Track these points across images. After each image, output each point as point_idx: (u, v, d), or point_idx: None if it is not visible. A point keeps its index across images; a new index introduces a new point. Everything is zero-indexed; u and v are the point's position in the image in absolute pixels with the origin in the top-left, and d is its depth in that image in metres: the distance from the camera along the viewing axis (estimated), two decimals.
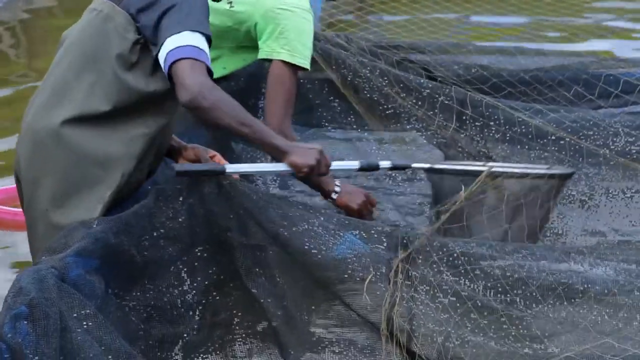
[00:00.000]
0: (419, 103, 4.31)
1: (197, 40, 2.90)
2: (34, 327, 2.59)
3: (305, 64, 3.80)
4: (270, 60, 3.85)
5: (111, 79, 2.95)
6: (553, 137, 4.29)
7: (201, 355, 3.09)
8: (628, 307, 2.86)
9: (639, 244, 4.04)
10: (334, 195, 3.69)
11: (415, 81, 4.32)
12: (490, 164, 3.50)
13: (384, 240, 2.99)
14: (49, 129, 2.98)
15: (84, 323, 2.67)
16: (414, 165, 3.48)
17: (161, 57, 2.90)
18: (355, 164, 3.31)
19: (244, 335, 3.12)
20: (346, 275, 2.89)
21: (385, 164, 3.37)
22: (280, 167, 3.03)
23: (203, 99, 2.87)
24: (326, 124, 4.46)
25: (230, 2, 3.87)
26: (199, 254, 3.05)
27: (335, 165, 3.14)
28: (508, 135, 4.32)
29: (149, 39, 2.95)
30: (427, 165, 3.49)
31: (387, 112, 4.35)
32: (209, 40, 2.95)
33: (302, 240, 2.95)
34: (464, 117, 4.31)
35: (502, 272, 2.87)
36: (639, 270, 2.99)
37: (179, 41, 2.87)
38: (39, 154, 3.00)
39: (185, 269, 3.03)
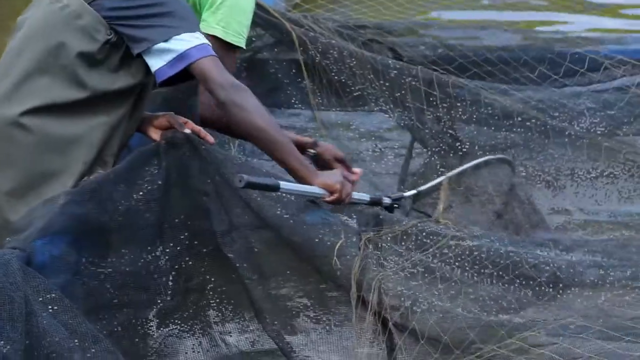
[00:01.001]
0: (387, 84, 4.30)
1: (205, 38, 2.97)
2: None
3: (240, 42, 3.66)
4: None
5: (72, 75, 2.92)
6: (519, 118, 4.31)
7: (176, 320, 3.09)
8: (593, 286, 2.91)
9: (604, 226, 4.10)
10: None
11: (382, 62, 4.31)
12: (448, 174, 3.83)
13: (354, 216, 3.03)
14: (8, 119, 2.93)
15: (50, 307, 2.65)
16: (405, 194, 3.65)
17: (158, 54, 2.90)
18: (366, 197, 3.30)
19: (218, 300, 3.13)
20: (317, 240, 2.92)
21: (386, 200, 3.42)
22: (314, 189, 2.97)
23: (238, 97, 2.93)
24: (295, 105, 4.45)
25: None
26: (173, 219, 3.05)
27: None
28: (475, 116, 4.34)
29: (126, 34, 2.92)
30: (414, 192, 3.68)
31: (355, 93, 4.35)
32: None
33: (275, 205, 2.97)
34: (431, 98, 4.31)
35: (470, 251, 2.93)
36: (603, 259, 3.04)
37: (195, 40, 2.92)
38: None
39: (159, 234, 3.03)
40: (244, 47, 3.73)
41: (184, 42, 2.92)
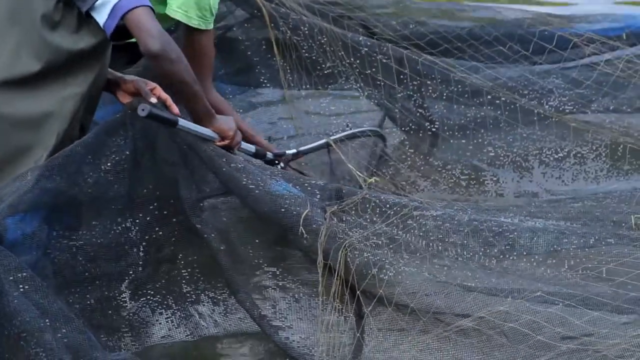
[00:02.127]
0: (358, 61, 4.31)
1: None
2: None
3: (204, 25, 3.67)
4: None
5: (37, 40, 2.92)
6: (489, 97, 4.33)
7: (149, 291, 3.11)
8: (555, 254, 2.95)
9: (568, 202, 4.13)
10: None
11: (353, 39, 4.31)
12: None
13: (317, 192, 3.06)
14: None
15: (21, 286, 2.64)
16: (288, 152, 3.90)
17: (101, 9, 2.87)
18: (251, 148, 3.51)
19: (189, 270, 3.15)
20: (283, 209, 2.93)
21: (269, 155, 3.67)
22: (208, 132, 3.10)
23: (171, 50, 2.92)
24: (265, 83, 4.44)
25: None
26: (142, 189, 3.06)
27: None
28: (445, 94, 4.35)
29: None
30: (294, 151, 3.95)
31: (326, 71, 4.34)
32: None
33: (241, 176, 2.99)
34: (402, 76, 4.32)
35: (434, 222, 2.95)
36: (566, 224, 3.07)
37: None
38: None
39: (128, 205, 3.03)
40: (211, 28, 3.73)
41: None
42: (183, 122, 3.02)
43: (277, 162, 3.74)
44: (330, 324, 2.89)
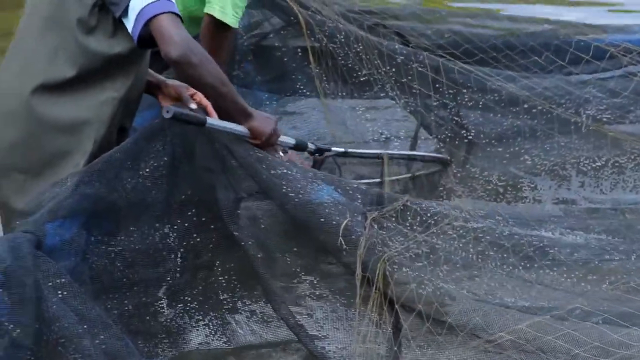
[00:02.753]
0: (393, 70, 4.30)
1: None
2: (10, 295, 2.57)
3: (234, 22, 3.74)
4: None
5: (73, 45, 2.92)
6: (525, 105, 4.31)
7: (186, 298, 3.10)
8: (597, 270, 2.93)
9: (607, 212, 4.10)
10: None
11: (389, 47, 4.30)
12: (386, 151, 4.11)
13: (359, 196, 3.03)
14: (20, 98, 2.93)
15: (60, 292, 2.65)
16: (334, 148, 3.83)
17: (130, 15, 2.86)
18: (291, 140, 3.45)
19: (227, 277, 3.14)
20: (323, 219, 2.92)
21: (311, 146, 3.62)
22: (239, 128, 3.06)
23: (192, 55, 2.88)
24: (301, 90, 4.45)
25: None
26: (181, 195, 3.05)
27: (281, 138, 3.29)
28: (481, 102, 4.34)
29: (107, 0, 2.90)
30: (342, 149, 3.87)
31: (362, 79, 4.34)
32: None
33: (280, 183, 2.97)
34: (437, 85, 4.31)
35: (474, 233, 2.94)
36: (607, 239, 3.05)
37: None
38: (11, 123, 2.95)
39: (167, 211, 3.03)
40: (237, 27, 3.79)
41: None
42: (211, 121, 3.00)
43: (318, 154, 3.68)
44: (367, 335, 2.87)
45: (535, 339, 2.64)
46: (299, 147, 3.50)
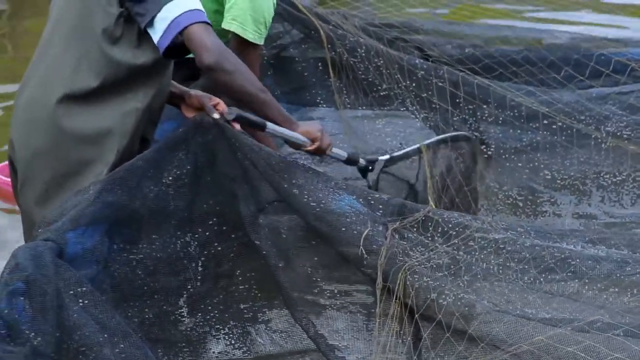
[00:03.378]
0: (414, 84, 4.31)
1: (198, 3, 2.93)
2: (31, 303, 2.59)
3: (256, 39, 3.70)
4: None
5: (97, 55, 2.94)
6: (545, 121, 4.31)
7: (206, 306, 3.11)
8: (619, 282, 2.91)
9: (629, 226, 4.09)
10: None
11: (410, 62, 4.31)
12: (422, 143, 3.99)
13: (381, 207, 3.03)
14: (45, 107, 2.95)
15: (80, 300, 2.66)
16: (380, 158, 3.79)
17: (157, 25, 2.88)
18: (343, 154, 3.44)
19: (247, 287, 3.15)
20: (344, 229, 2.92)
21: (362, 161, 3.60)
22: (296, 135, 3.10)
23: (227, 61, 2.92)
24: (320, 103, 4.46)
25: None
26: (202, 204, 3.06)
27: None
28: (501, 118, 4.34)
29: (132, 10, 2.93)
30: (387, 157, 3.82)
31: (382, 93, 4.35)
32: None
33: (302, 192, 2.98)
34: (457, 100, 4.31)
35: (495, 244, 2.93)
36: (630, 252, 3.03)
37: (184, 6, 2.89)
38: (35, 132, 2.98)
39: (188, 220, 3.04)
40: (261, 44, 3.76)
41: (174, 9, 2.89)
42: (271, 126, 3.03)
43: (370, 168, 3.67)
44: (387, 345, 2.87)
45: (556, 351, 2.62)
46: (350, 161, 3.48)
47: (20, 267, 2.61)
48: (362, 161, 3.59)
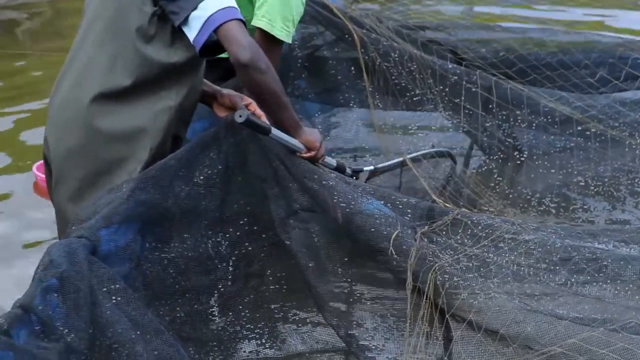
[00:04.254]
0: (447, 89, 4.30)
1: (232, 0, 2.95)
2: (65, 300, 2.60)
3: (284, 36, 3.71)
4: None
5: (131, 53, 2.96)
6: (579, 128, 4.28)
7: (237, 305, 3.11)
8: None
9: None
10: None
11: (442, 67, 4.30)
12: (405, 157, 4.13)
13: (409, 211, 3.03)
14: (79, 106, 2.98)
15: (114, 297, 2.67)
16: (365, 168, 3.90)
17: (192, 23, 2.90)
18: (333, 162, 3.49)
19: (278, 286, 3.15)
20: (373, 229, 2.92)
21: (348, 170, 3.63)
22: (295, 142, 3.11)
23: (261, 60, 2.93)
24: (352, 105, 4.46)
25: None
26: (233, 204, 3.07)
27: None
28: (534, 123, 4.31)
29: (166, 8, 2.95)
30: (371, 168, 3.94)
31: (415, 98, 4.34)
32: None
33: (332, 193, 2.99)
34: (490, 105, 4.29)
35: (526, 245, 2.91)
36: None
37: (219, 3, 2.90)
38: (69, 131, 3.00)
39: (219, 219, 3.04)
40: (289, 42, 3.78)
41: (209, 7, 2.90)
42: (275, 132, 3.05)
43: (355, 178, 3.69)
44: (418, 346, 2.86)
45: (588, 352, 2.60)
46: (339, 169, 3.53)
47: (55, 263, 2.63)
48: (348, 170, 3.64)
